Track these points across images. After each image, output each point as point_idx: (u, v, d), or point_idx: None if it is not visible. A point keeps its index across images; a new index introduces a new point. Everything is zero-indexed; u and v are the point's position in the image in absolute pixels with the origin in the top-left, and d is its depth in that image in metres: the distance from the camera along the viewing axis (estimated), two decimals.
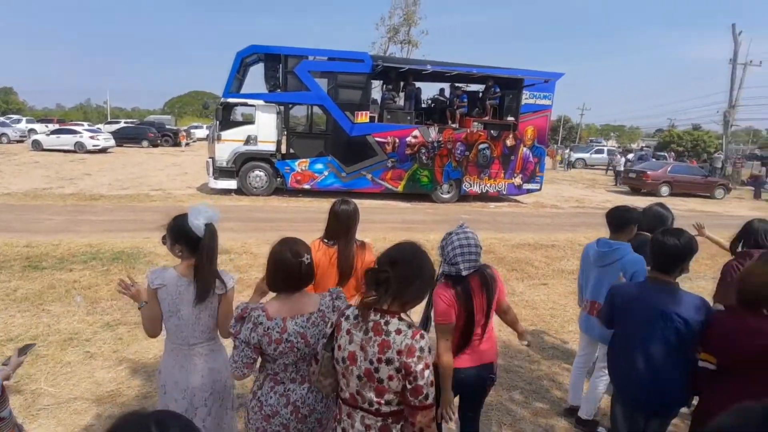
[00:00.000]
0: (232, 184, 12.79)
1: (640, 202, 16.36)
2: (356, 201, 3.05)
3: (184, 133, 32.09)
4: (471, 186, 13.96)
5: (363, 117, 12.89)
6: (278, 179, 13.04)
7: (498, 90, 13.82)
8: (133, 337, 4.28)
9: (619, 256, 2.99)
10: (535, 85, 13.71)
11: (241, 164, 12.72)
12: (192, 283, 2.08)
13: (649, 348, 2.23)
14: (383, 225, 9.83)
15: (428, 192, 13.76)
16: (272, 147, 12.81)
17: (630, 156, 28.14)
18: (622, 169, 22.67)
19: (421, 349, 1.56)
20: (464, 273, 2.26)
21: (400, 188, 13.51)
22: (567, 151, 33.90)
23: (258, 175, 12.89)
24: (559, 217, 12.77)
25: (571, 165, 31.48)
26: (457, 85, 14.38)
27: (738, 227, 3.53)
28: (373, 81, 14.11)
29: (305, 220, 9.64)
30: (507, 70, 13.64)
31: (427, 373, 1.56)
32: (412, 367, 1.54)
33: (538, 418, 3.42)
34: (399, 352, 1.55)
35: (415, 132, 13.25)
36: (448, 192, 13.94)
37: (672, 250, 2.22)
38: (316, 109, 13.86)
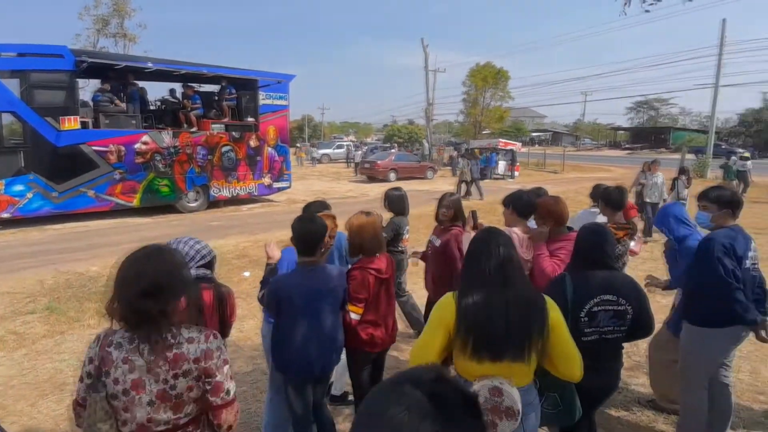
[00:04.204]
0: None
1: (378, 189, 18.67)
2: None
3: None
4: (220, 191, 13.38)
5: (72, 123, 10.74)
6: None
7: (234, 91, 13.55)
8: None
9: None
10: (270, 86, 14.02)
11: None
12: None
13: (317, 324, 2.51)
14: (117, 248, 8.49)
15: (172, 202, 12.54)
16: None
17: (364, 149, 32.01)
18: (359, 161, 25.61)
19: (218, 348, 1.56)
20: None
21: (135, 202, 11.88)
22: (313, 148, 36.24)
23: None
24: None
25: (317, 160, 33.76)
26: (189, 85, 13.44)
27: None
28: (82, 80, 11.92)
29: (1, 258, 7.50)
30: (239, 71, 13.52)
31: (226, 368, 1.57)
32: (213, 369, 1.53)
33: None
34: (196, 360, 1.51)
35: (145, 137, 11.83)
36: (196, 200, 13.02)
37: (310, 235, 2.53)
38: (4, 117, 10.82)
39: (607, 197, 3.69)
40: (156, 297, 1.46)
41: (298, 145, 38.24)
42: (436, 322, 1.94)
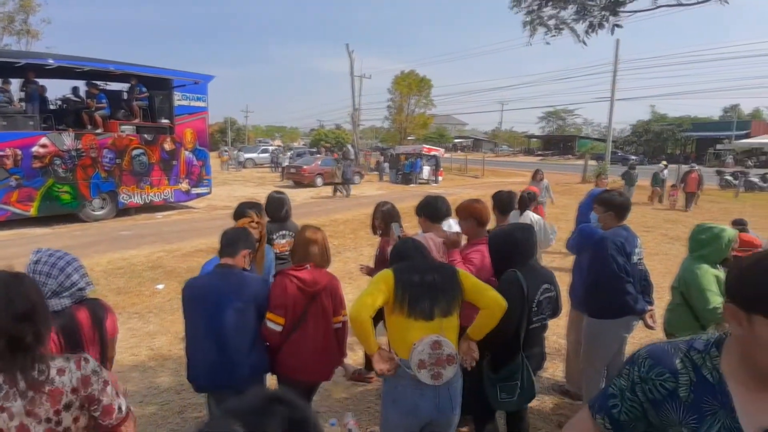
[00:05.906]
0: None
1: (304, 194, 18.37)
2: None
3: None
4: (130, 197, 12.42)
5: None
6: None
7: (145, 90, 12.69)
8: None
9: None
10: (187, 86, 13.30)
11: None
12: None
13: (226, 329, 2.36)
14: (13, 261, 7.56)
15: (74, 211, 11.43)
16: None
17: (290, 153, 31.43)
18: (286, 164, 25.12)
19: (94, 372, 1.44)
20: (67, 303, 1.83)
21: (32, 211, 10.69)
22: (236, 152, 34.89)
23: None
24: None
25: (242, 165, 32.56)
26: (93, 83, 12.37)
27: (371, 204, 4.39)
28: None
29: None
30: (151, 69, 12.69)
31: (109, 388, 1.47)
32: (96, 395, 1.43)
33: None
34: (75, 390, 1.39)
35: (44, 140, 10.70)
36: (102, 208, 11.98)
37: (229, 238, 2.51)
38: None
39: (497, 201, 3.96)
40: (31, 320, 1.33)
41: (225, 149, 36.60)
42: (378, 285, 2.22)
